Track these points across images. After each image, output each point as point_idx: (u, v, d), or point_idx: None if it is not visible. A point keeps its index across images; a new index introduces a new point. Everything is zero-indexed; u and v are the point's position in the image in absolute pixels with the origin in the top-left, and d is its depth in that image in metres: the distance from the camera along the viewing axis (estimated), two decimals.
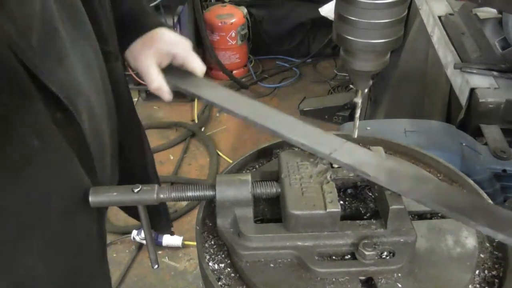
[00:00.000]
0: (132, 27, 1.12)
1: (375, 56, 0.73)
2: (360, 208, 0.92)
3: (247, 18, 4.13)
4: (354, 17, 0.68)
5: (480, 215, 0.74)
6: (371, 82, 0.79)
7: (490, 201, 0.88)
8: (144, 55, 1.05)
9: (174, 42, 1.08)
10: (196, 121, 3.75)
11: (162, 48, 1.06)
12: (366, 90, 0.82)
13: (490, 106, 1.56)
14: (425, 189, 0.79)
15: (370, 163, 0.84)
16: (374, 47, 0.70)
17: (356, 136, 0.88)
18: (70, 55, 0.85)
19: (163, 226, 1.32)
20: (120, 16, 1.11)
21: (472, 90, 1.61)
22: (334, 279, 0.78)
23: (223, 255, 0.85)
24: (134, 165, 1.21)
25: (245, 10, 4.14)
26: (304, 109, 3.73)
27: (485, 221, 0.73)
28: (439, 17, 2.10)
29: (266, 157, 1.09)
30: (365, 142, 1.07)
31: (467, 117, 1.62)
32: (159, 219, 1.29)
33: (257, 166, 1.06)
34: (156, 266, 0.92)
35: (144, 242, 2.63)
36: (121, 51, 1.12)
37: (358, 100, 0.82)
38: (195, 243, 0.89)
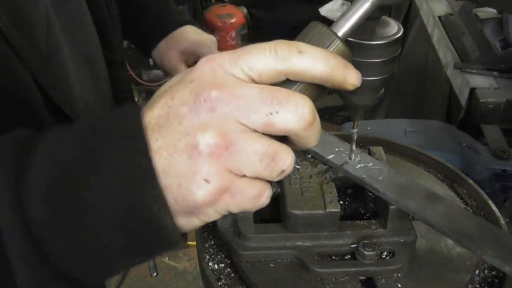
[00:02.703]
0: (157, 28, 1.14)
1: (370, 91, 0.76)
2: (360, 208, 0.92)
3: (247, 18, 4.14)
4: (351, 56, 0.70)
5: (488, 243, 0.74)
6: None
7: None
8: (171, 56, 1.07)
9: (199, 42, 1.10)
10: None
11: (188, 48, 1.07)
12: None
13: (490, 106, 1.56)
14: (434, 210, 0.79)
15: (382, 177, 0.85)
16: (369, 84, 0.72)
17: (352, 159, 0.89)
18: (71, 70, 0.84)
19: None
20: (144, 15, 1.12)
21: (472, 90, 1.61)
22: (334, 279, 0.78)
23: (223, 255, 0.85)
24: None
25: (245, 10, 4.15)
26: None
27: (492, 250, 0.72)
28: (439, 17, 2.10)
29: None
30: (365, 142, 1.07)
31: (467, 117, 1.62)
32: None
33: None
34: (155, 274, 0.91)
35: None
36: (148, 52, 1.13)
37: (354, 131, 0.85)
38: (195, 243, 0.89)
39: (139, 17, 1.11)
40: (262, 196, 0.57)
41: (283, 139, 0.58)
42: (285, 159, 0.56)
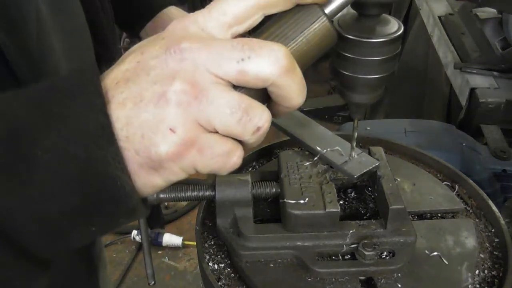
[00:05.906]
0: (144, 10, 1.18)
1: (370, 90, 0.76)
2: (360, 208, 0.92)
3: None
4: (351, 54, 0.70)
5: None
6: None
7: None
8: None
9: None
10: None
11: None
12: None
13: (490, 106, 1.56)
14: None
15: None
16: (369, 82, 0.73)
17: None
18: (63, 71, 0.82)
19: (154, 220, 1.30)
20: (129, 1, 1.16)
21: (472, 90, 1.61)
22: (334, 279, 0.78)
23: (223, 255, 0.85)
24: None
25: None
26: (304, 109, 3.73)
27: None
28: (439, 17, 2.10)
29: (266, 157, 1.09)
30: (365, 142, 1.07)
31: (467, 117, 1.62)
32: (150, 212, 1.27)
33: (257, 166, 1.06)
34: (153, 282, 0.89)
35: None
36: (136, 33, 1.19)
37: (355, 132, 0.85)
38: (195, 243, 0.88)
39: (126, 1, 1.16)
40: (233, 155, 0.54)
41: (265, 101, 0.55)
42: (261, 115, 0.53)
